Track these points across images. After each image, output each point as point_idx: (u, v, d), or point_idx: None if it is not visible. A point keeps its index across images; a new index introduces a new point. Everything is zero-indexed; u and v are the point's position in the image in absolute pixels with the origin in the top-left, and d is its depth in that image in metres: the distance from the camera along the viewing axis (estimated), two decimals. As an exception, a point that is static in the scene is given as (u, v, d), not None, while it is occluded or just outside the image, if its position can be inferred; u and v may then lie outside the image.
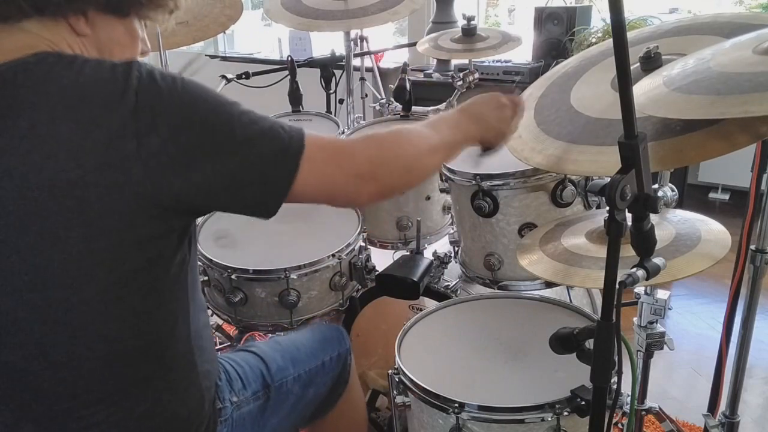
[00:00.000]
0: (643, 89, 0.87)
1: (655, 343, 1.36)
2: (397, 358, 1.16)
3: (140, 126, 0.78)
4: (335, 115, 2.30)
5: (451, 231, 1.76)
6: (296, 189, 0.87)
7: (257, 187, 0.86)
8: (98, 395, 0.88)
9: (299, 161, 0.86)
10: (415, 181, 1.04)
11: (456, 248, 1.68)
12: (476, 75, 2.03)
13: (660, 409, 1.53)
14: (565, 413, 1.00)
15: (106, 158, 0.77)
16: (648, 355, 1.39)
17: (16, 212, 0.78)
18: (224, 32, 2.27)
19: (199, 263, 1.61)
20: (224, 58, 4.96)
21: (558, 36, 3.52)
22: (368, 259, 1.71)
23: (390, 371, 1.15)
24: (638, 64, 1.00)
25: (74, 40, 0.86)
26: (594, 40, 3.34)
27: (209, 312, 1.71)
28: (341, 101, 2.49)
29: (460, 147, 1.08)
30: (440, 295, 1.57)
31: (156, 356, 0.91)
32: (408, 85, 1.87)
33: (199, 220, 1.65)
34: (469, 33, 1.97)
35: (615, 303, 0.80)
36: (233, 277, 1.54)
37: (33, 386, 0.86)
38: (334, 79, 2.57)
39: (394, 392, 1.14)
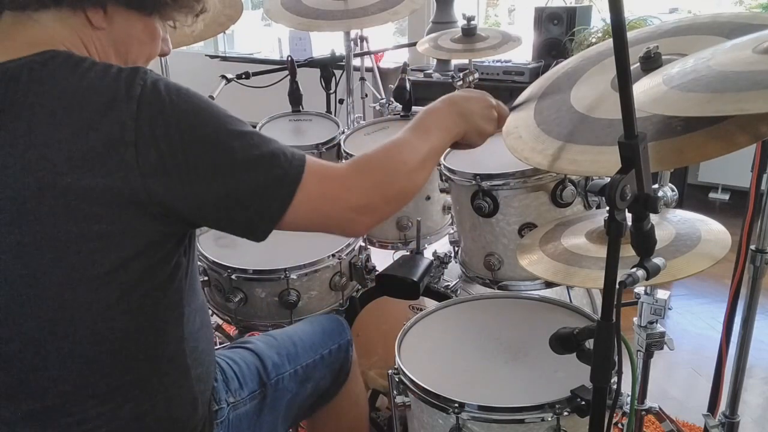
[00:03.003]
0: (642, 88, 0.87)
1: (655, 343, 1.36)
2: (397, 358, 1.16)
3: (139, 136, 0.78)
4: (335, 115, 2.30)
5: (451, 231, 1.76)
6: (288, 218, 0.86)
7: (249, 212, 0.85)
8: (88, 393, 0.88)
9: (294, 191, 0.85)
10: (409, 200, 1.01)
11: (456, 248, 1.68)
12: (476, 75, 2.03)
13: (660, 409, 1.53)
14: (565, 413, 1.00)
15: (103, 164, 0.77)
16: (648, 355, 1.39)
17: (9, 210, 0.78)
18: (224, 32, 2.26)
19: (199, 263, 1.60)
20: (224, 58, 4.97)
21: (558, 36, 3.53)
22: (368, 259, 1.71)
23: (390, 371, 1.15)
24: (638, 64, 1.00)
25: (89, 34, 0.86)
26: (594, 40, 3.34)
27: (209, 312, 1.72)
28: (341, 101, 2.49)
29: (446, 148, 1.06)
30: (440, 295, 1.57)
31: (146, 357, 0.91)
32: (408, 85, 1.87)
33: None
34: (469, 33, 1.97)
35: (615, 303, 0.80)
36: (233, 277, 1.54)
37: (24, 381, 0.86)
38: (334, 79, 2.57)
39: (394, 392, 1.14)
